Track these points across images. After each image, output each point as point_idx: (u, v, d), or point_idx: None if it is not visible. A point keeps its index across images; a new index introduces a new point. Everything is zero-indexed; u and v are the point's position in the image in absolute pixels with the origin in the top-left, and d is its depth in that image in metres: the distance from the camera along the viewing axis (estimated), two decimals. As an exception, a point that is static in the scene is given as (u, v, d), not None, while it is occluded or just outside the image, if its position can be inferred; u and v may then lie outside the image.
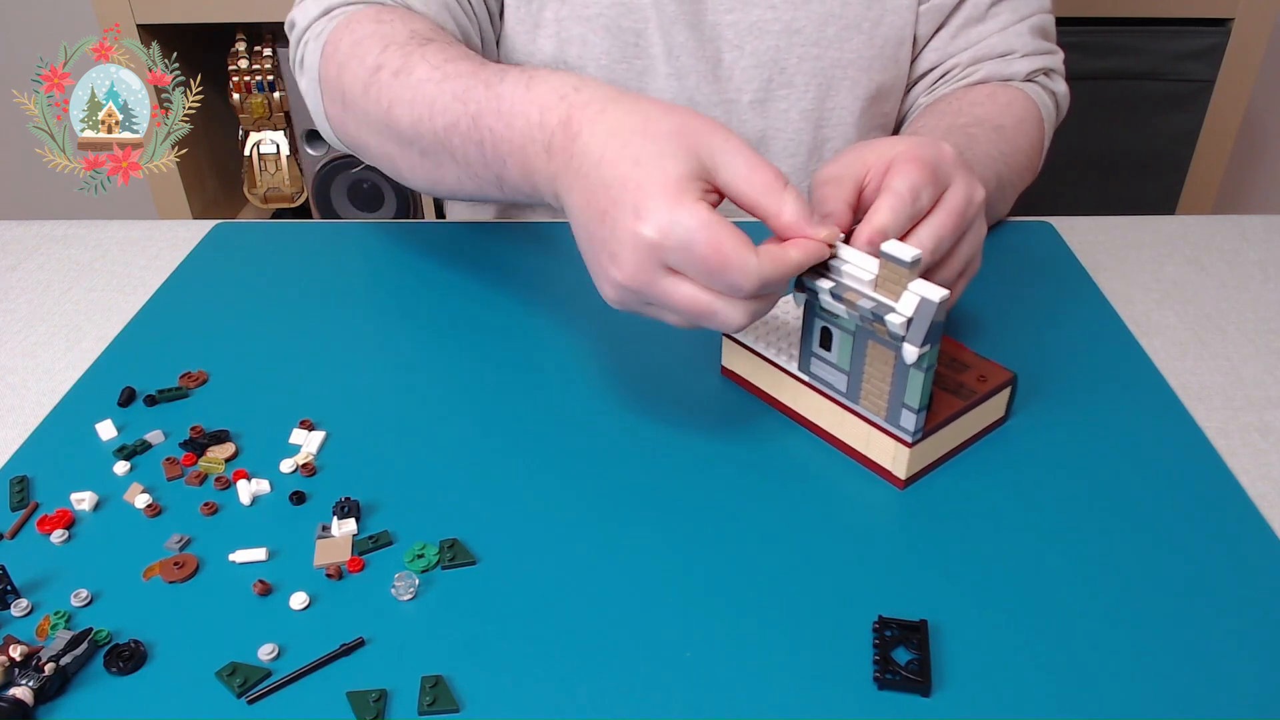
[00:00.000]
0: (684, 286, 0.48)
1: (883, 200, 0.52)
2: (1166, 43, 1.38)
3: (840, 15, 0.78)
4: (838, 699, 0.44)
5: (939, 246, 0.53)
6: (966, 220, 0.55)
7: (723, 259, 0.47)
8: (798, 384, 0.57)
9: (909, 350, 0.49)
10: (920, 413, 0.52)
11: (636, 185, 0.47)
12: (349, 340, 0.67)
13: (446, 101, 0.58)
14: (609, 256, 0.49)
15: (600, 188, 0.49)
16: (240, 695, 0.44)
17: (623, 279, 0.49)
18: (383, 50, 0.63)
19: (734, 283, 0.47)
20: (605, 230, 0.49)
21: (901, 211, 0.52)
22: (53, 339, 0.69)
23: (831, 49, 0.79)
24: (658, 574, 0.50)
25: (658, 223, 0.47)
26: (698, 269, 0.47)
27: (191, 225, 0.82)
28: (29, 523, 0.53)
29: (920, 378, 0.50)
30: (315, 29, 0.71)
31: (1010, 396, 0.58)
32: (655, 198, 0.47)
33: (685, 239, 0.46)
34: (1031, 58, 0.80)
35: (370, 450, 0.58)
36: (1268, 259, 0.76)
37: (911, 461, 0.53)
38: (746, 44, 0.78)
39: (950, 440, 0.55)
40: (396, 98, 0.61)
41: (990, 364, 0.57)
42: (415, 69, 0.61)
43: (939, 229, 0.53)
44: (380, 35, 0.65)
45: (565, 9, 0.77)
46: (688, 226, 0.46)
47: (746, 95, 0.80)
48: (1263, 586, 0.48)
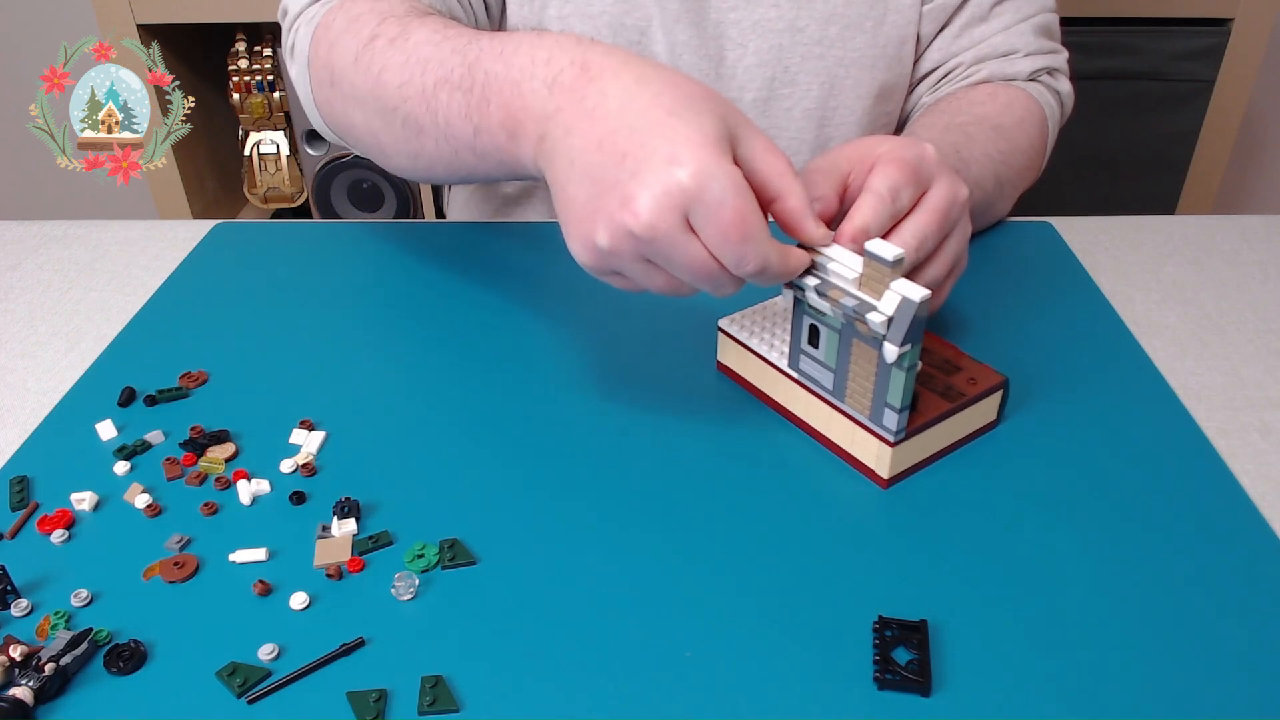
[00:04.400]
0: (698, 246, 0.47)
1: (863, 200, 0.53)
2: (1166, 43, 1.38)
3: (844, 14, 0.78)
4: (838, 699, 0.44)
5: (922, 245, 0.54)
6: (950, 220, 0.56)
7: (746, 230, 0.46)
8: (790, 382, 0.57)
9: (889, 349, 0.49)
10: (903, 412, 0.52)
11: (674, 131, 0.46)
12: (349, 340, 0.67)
13: (444, 56, 0.57)
14: (620, 201, 0.46)
15: (625, 130, 0.47)
16: (240, 695, 0.44)
17: (636, 225, 0.46)
18: (380, 22, 0.62)
19: (744, 256, 0.47)
20: (623, 173, 0.47)
21: (881, 211, 0.52)
22: (53, 339, 0.69)
23: (835, 48, 0.79)
24: (658, 573, 0.50)
25: (697, 171, 0.45)
26: (717, 230, 0.46)
27: (191, 225, 0.82)
28: (29, 523, 0.53)
29: (902, 377, 0.50)
30: (308, 14, 0.70)
31: (1002, 401, 0.57)
32: (697, 148, 0.46)
33: (720, 196, 0.45)
34: (1035, 57, 0.80)
35: (370, 450, 0.58)
36: (1268, 259, 0.76)
37: (894, 461, 0.53)
38: (750, 42, 0.78)
39: (937, 441, 0.55)
40: (389, 62, 0.60)
41: (982, 367, 0.57)
42: (413, 34, 0.60)
43: (922, 227, 0.54)
44: (378, 11, 0.64)
45: (569, 7, 0.77)
46: (725, 185, 0.45)
47: (749, 94, 0.80)
48: (1263, 586, 0.48)
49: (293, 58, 0.72)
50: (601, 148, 0.47)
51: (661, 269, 0.49)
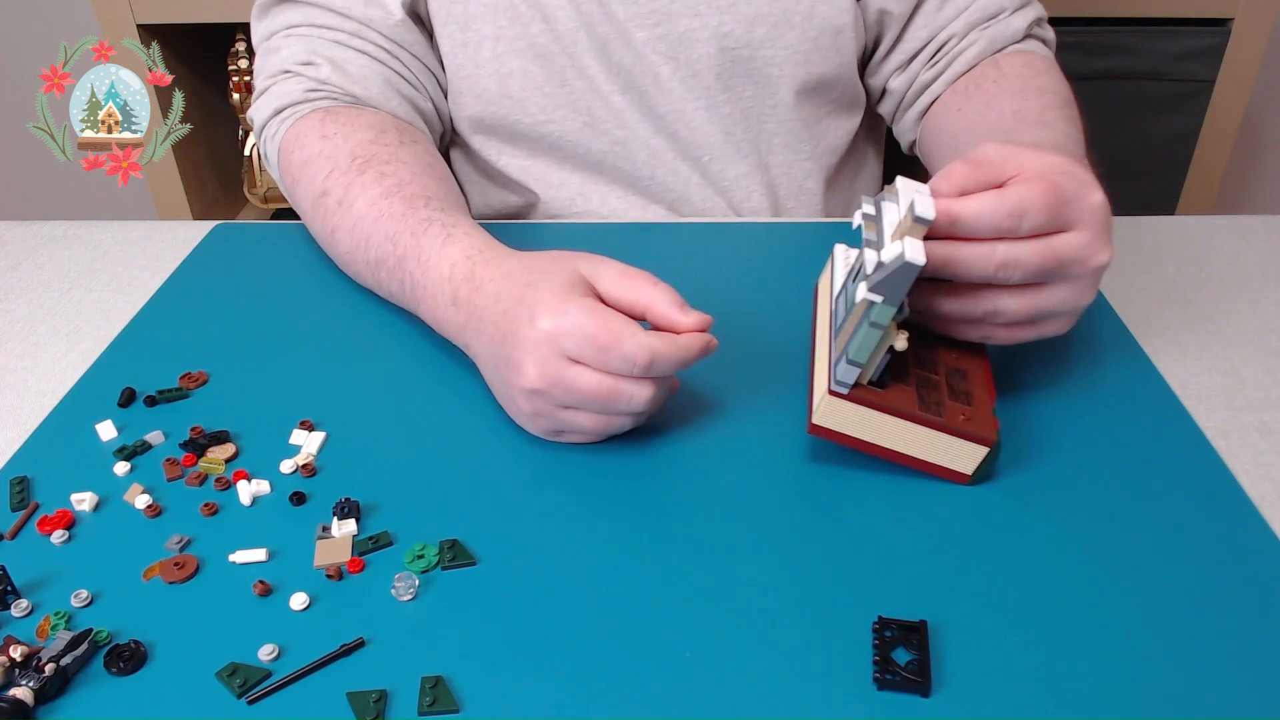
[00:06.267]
0: (587, 373, 0.52)
1: (984, 196, 0.51)
2: (1166, 43, 1.38)
3: (768, 14, 0.78)
4: (838, 699, 0.44)
5: (1007, 261, 0.52)
6: (1061, 268, 0.53)
7: (613, 335, 0.51)
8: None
9: (862, 288, 0.49)
10: (853, 367, 0.51)
11: (530, 298, 0.54)
12: (349, 340, 0.67)
13: (379, 240, 0.66)
14: (515, 370, 0.54)
15: (500, 316, 0.55)
16: (240, 696, 0.44)
17: (530, 382, 0.53)
18: (327, 175, 0.71)
19: (628, 354, 0.51)
20: (508, 348, 0.54)
21: (987, 215, 0.51)
22: (53, 339, 0.69)
23: (764, 49, 0.79)
24: (658, 574, 0.50)
25: (550, 316, 0.52)
26: (593, 349, 0.52)
27: (191, 226, 0.82)
28: (29, 523, 0.53)
29: (864, 332, 0.49)
30: (270, 129, 0.77)
31: (985, 462, 0.53)
32: (546, 301, 0.53)
33: (577, 322, 0.52)
34: (1022, 11, 0.80)
35: (370, 450, 0.58)
36: (1268, 259, 0.76)
37: (826, 411, 0.52)
38: (680, 54, 0.78)
39: (883, 434, 0.53)
40: (339, 225, 0.69)
41: (991, 419, 0.53)
42: (355, 201, 0.68)
43: (1019, 250, 0.52)
44: (325, 156, 0.71)
45: (501, 45, 0.78)
46: (577, 313, 0.52)
47: (691, 103, 0.80)
48: (1263, 587, 0.48)
49: (269, 164, 0.79)
50: (493, 340, 0.56)
51: (583, 409, 0.54)
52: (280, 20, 0.78)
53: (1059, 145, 0.67)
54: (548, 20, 0.78)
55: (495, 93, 0.80)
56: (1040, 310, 0.55)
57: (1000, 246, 0.52)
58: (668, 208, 0.85)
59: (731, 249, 0.78)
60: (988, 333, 0.56)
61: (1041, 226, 0.52)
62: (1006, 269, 0.52)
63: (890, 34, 0.82)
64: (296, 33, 0.77)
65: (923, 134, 0.85)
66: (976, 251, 0.52)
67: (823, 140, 0.86)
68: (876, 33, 0.83)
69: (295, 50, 0.77)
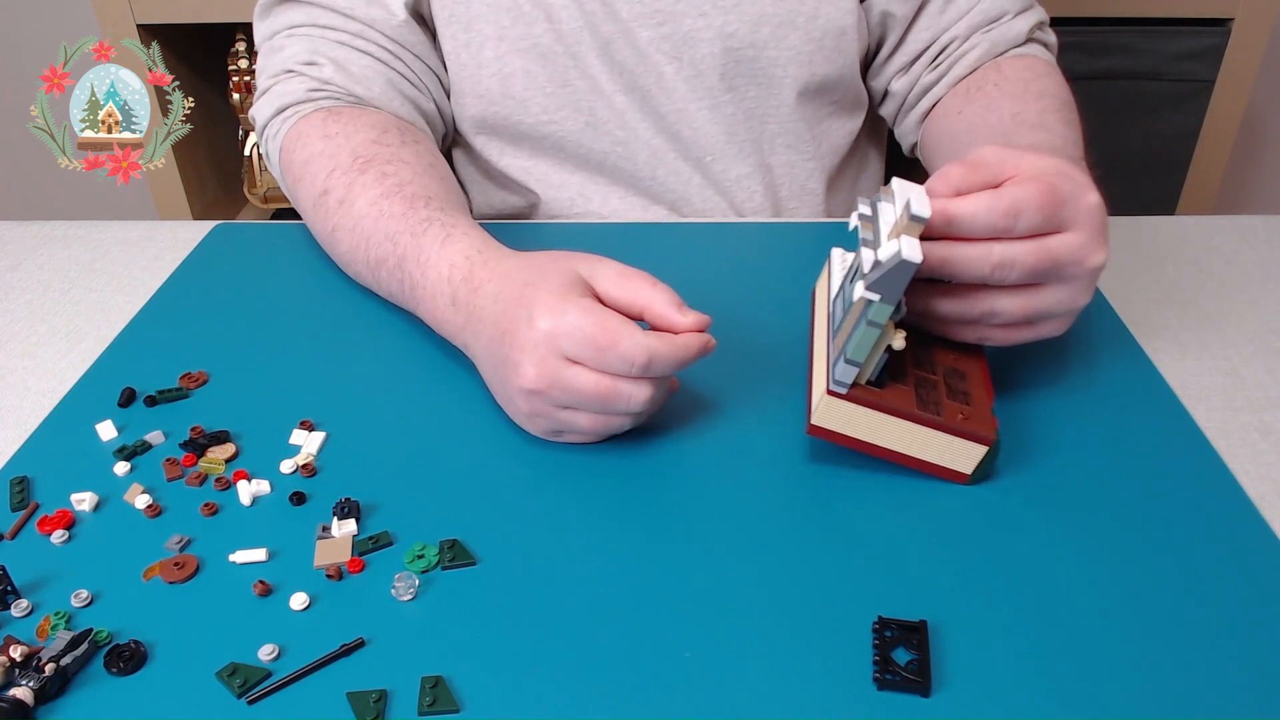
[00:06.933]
0: (585, 373, 0.52)
1: (979, 196, 0.51)
2: (1166, 43, 1.38)
3: (773, 14, 0.78)
4: (838, 699, 0.44)
5: (1004, 261, 0.52)
6: (1058, 269, 0.53)
7: (611, 335, 0.51)
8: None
9: (859, 287, 0.49)
10: (852, 366, 0.51)
11: (529, 299, 0.54)
12: (349, 340, 0.67)
13: (380, 239, 0.66)
14: (513, 369, 0.54)
15: (499, 316, 0.55)
16: (240, 696, 0.44)
17: (528, 382, 0.53)
18: (328, 175, 0.70)
19: (626, 354, 0.51)
20: (507, 349, 0.54)
21: (983, 214, 0.51)
22: (53, 339, 0.69)
23: (768, 49, 0.79)
24: (657, 573, 0.50)
25: (549, 315, 0.52)
26: (591, 349, 0.52)
27: (191, 226, 0.82)
28: (29, 523, 0.53)
29: (862, 331, 0.50)
30: (272, 129, 0.77)
31: (982, 463, 0.53)
32: (544, 301, 0.53)
33: (575, 323, 0.52)
34: (1025, 15, 0.80)
35: (370, 450, 0.58)
36: (1268, 259, 0.76)
37: (826, 412, 0.52)
38: (684, 54, 0.78)
39: (882, 434, 0.53)
40: (339, 224, 0.69)
41: (990, 418, 0.53)
42: (356, 200, 0.68)
43: (1015, 250, 0.52)
44: (327, 156, 0.71)
45: (504, 45, 0.78)
46: (575, 313, 0.52)
47: (693, 104, 0.80)
48: (1263, 586, 0.48)
49: (271, 164, 0.79)
50: (492, 340, 0.56)
51: (581, 409, 0.54)
52: (283, 20, 0.78)
53: (1056, 148, 0.67)
54: (551, 20, 0.78)
55: (497, 93, 0.80)
56: (1037, 311, 0.55)
57: (996, 246, 0.52)
58: (669, 208, 0.85)
59: (732, 249, 0.78)
60: (985, 334, 0.57)
61: (1037, 227, 0.52)
62: (1003, 269, 0.52)
63: (893, 36, 0.82)
64: (299, 32, 0.77)
65: (924, 136, 0.85)
66: (973, 251, 0.52)
67: (825, 141, 0.86)
68: (879, 34, 0.83)
69: (298, 50, 0.77)
